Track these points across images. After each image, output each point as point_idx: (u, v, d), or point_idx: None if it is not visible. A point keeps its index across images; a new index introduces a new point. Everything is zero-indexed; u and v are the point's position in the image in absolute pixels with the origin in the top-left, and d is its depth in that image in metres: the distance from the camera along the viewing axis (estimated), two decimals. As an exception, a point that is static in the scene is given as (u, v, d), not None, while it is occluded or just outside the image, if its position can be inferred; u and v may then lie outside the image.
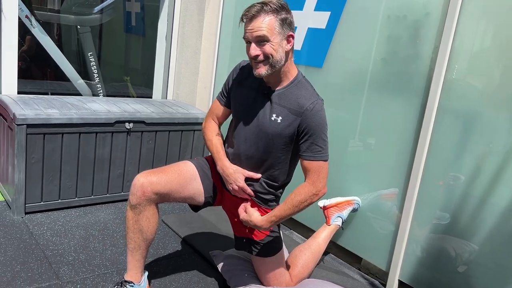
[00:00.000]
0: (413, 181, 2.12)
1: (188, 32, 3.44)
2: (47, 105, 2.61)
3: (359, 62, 2.36)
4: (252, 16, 1.60)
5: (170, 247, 2.41)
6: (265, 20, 1.59)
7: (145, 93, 3.84)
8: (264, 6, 1.60)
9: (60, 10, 3.77)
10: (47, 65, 3.54)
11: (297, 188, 1.74)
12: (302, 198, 1.71)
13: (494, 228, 1.87)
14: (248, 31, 1.62)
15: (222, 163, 1.84)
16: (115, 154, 2.79)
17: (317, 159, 1.70)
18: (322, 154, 1.71)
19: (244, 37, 1.65)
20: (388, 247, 2.26)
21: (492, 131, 1.86)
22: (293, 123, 1.70)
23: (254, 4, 1.62)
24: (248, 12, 1.61)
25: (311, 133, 1.69)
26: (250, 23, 1.61)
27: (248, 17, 1.61)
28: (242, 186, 1.81)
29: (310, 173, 1.72)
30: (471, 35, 1.91)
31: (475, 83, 1.91)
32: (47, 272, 2.00)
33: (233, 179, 1.81)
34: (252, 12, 1.60)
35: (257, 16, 1.59)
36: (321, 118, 1.69)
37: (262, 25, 1.59)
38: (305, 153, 1.72)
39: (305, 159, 1.72)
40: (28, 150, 2.43)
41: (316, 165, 1.71)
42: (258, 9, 1.60)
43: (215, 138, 1.90)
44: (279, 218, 1.75)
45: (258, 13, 1.59)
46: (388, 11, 2.22)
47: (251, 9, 1.61)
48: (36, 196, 2.54)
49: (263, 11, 1.59)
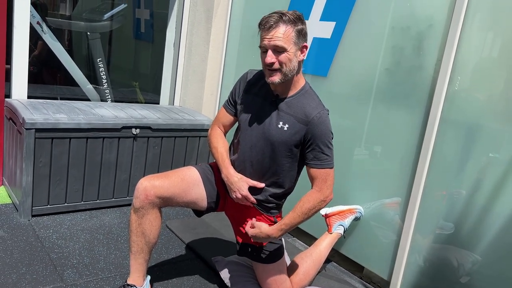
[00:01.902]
0: (415, 190, 2.12)
1: (196, 40, 3.49)
2: (56, 110, 2.66)
3: (363, 72, 2.38)
4: (271, 26, 1.62)
5: (173, 252, 2.43)
6: (283, 30, 1.62)
7: (153, 99, 3.89)
8: (282, 16, 1.63)
9: (71, 17, 3.84)
10: (57, 70, 3.61)
11: (305, 196, 1.78)
12: (311, 205, 1.75)
13: (497, 238, 1.86)
14: (266, 39, 1.65)
15: (227, 170, 1.86)
16: (121, 159, 2.83)
17: (323, 167, 1.75)
18: (328, 162, 1.75)
19: (261, 45, 1.68)
20: (390, 256, 2.26)
21: (494, 142, 1.87)
22: (299, 131, 1.74)
23: (272, 14, 1.64)
24: (266, 21, 1.64)
25: (318, 142, 1.73)
26: (269, 32, 1.63)
27: (266, 26, 1.64)
28: (246, 194, 1.83)
29: (317, 180, 1.76)
30: (474, 47, 1.93)
31: (477, 95, 1.93)
32: (51, 274, 2.04)
33: (237, 187, 1.83)
34: (270, 21, 1.62)
35: (276, 26, 1.62)
36: (327, 128, 1.74)
37: (280, 35, 1.62)
38: (312, 162, 1.76)
39: (312, 167, 1.77)
40: (36, 154, 2.47)
41: (323, 172, 1.75)
42: (277, 19, 1.62)
43: (221, 145, 1.92)
44: (289, 226, 1.78)
45: (276, 23, 1.62)
46: (393, 23, 2.24)
47: (270, 19, 1.63)
48: (43, 199, 2.58)
49: (281, 21, 1.62)
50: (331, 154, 1.76)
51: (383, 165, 2.32)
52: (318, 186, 1.76)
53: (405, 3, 2.18)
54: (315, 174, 1.76)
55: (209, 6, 3.34)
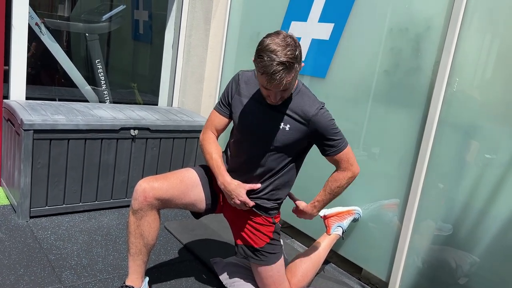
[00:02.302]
0: (414, 192, 2.13)
1: (195, 42, 3.49)
2: (54, 111, 2.66)
3: (362, 74, 2.39)
4: (279, 82, 1.58)
5: (171, 253, 2.43)
6: (289, 78, 1.59)
7: (151, 100, 3.89)
8: (285, 69, 1.56)
9: (70, 18, 3.84)
10: (55, 72, 3.61)
11: (333, 175, 1.87)
12: (340, 184, 1.85)
13: (495, 240, 1.87)
14: (270, 87, 1.62)
15: (223, 178, 1.84)
16: (119, 160, 2.83)
17: (340, 151, 1.81)
18: (342, 144, 1.81)
19: (265, 87, 1.64)
20: (389, 258, 2.27)
21: (492, 144, 1.87)
22: (301, 130, 1.77)
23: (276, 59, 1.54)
24: (272, 76, 1.56)
25: (326, 134, 1.77)
26: (272, 83, 1.59)
27: (271, 80, 1.58)
28: (244, 200, 1.83)
29: (339, 163, 1.84)
30: (471, 49, 1.94)
31: (475, 97, 1.93)
32: (50, 276, 2.03)
33: (235, 194, 1.82)
34: (278, 77, 1.56)
35: (282, 79, 1.58)
36: (328, 120, 1.77)
37: (287, 82, 1.60)
38: (327, 152, 1.82)
39: (330, 155, 1.83)
40: (34, 155, 2.47)
41: (343, 154, 1.82)
42: (283, 73, 1.56)
43: (214, 151, 1.89)
44: (322, 203, 1.92)
45: (282, 77, 1.57)
46: (391, 24, 2.25)
47: (275, 74, 1.55)
48: (41, 200, 2.58)
49: (286, 72, 1.57)
50: (341, 136, 1.81)
51: (381, 166, 2.32)
52: (343, 167, 1.84)
53: (403, 5, 2.19)
54: (336, 159, 1.83)
55: (207, 8, 3.35)
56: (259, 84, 1.68)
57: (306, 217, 2.01)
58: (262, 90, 1.71)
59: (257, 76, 1.65)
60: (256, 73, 1.66)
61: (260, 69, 1.59)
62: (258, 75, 1.64)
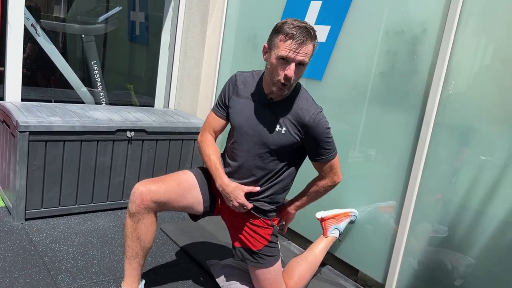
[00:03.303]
0: (410, 194, 2.14)
1: (191, 43, 3.49)
2: (50, 113, 2.65)
3: (358, 76, 2.39)
4: (302, 41, 1.58)
5: (168, 255, 2.42)
6: (310, 47, 1.61)
7: (147, 102, 3.88)
8: (311, 32, 1.60)
9: (66, 19, 3.82)
10: (51, 73, 3.59)
11: (315, 182, 1.91)
12: (319, 190, 1.91)
13: (490, 241, 1.88)
14: (294, 53, 1.59)
15: (222, 180, 1.83)
16: (115, 162, 2.82)
17: (328, 160, 1.83)
18: (331, 154, 1.83)
19: (283, 56, 1.61)
20: (385, 259, 2.27)
21: (487, 146, 1.88)
22: (297, 133, 1.77)
23: (297, 24, 1.59)
24: (295, 34, 1.57)
25: (319, 140, 1.78)
26: (299, 46, 1.58)
27: (297, 40, 1.57)
28: (243, 202, 1.82)
29: (325, 171, 1.86)
30: (467, 51, 1.95)
31: (471, 99, 1.94)
32: (45, 278, 2.02)
33: (234, 196, 1.82)
34: (302, 36, 1.58)
35: (306, 42, 1.59)
36: (324, 126, 1.77)
37: (308, 51, 1.61)
38: (317, 158, 1.83)
39: (317, 162, 1.84)
40: (29, 157, 2.46)
41: (329, 163, 1.84)
42: (307, 35, 1.58)
43: (213, 153, 1.89)
44: (299, 207, 2.01)
45: (306, 39, 1.58)
46: (387, 27, 2.25)
47: (300, 32, 1.57)
48: (36, 202, 2.56)
49: (309, 37, 1.59)
50: (332, 146, 1.82)
51: (378, 168, 2.33)
52: (325, 174, 1.87)
53: (400, 8, 2.20)
54: (321, 167, 1.86)
55: (204, 9, 3.35)
56: (276, 61, 1.63)
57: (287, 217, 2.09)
58: (276, 66, 1.64)
59: (274, 52, 1.63)
60: (272, 51, 1.64)
61: (284, 33, 1.58)
62: (277, 48, 1.61)
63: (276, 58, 1.64)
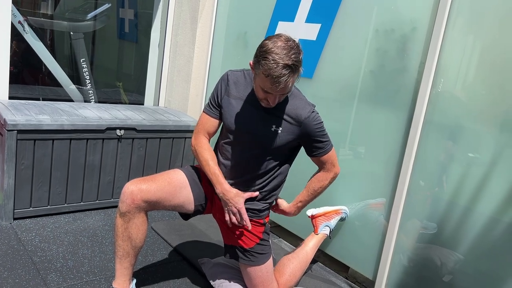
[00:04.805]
0: (400, 191, 2.15)
1: (181, 40, 3.47)
2: (38, 111, 2.62)
3: (349, 74, 2.40)
4: (280, 82, 1.56)
5: (159, 254, 2.41)
6: (290, 82, 1.60)
7: (137, 100, 3.86)
8: (291, 72, 1.56)
9: (53, 16, 3.78)
10: (39, 71, 3.55)
11: (316, 176, 1.94)
12: (322, 184, 1.93)
13: (478, 237, 1.90)
14: (273, 91, 1.61)
15: (222, 187, 1.82)
16: (105, 161, 2.80)
17: (328, 152, 1.87)
18: (328, 147, 1.86)
19: (263, 88, 1.62)
20: (375, 256, 2.29)
21: (476, 143, 1.90)
22: (293, 133, 1.79)
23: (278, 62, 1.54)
24: (275, 76, 1.55)
25: (315, 137, 1.81)
26: (277, 86, 1.57)
27: (276, 82, 1.56)
28: (240, 208, 1.81)
29: (325, 164, 1.90)
30: (456, 50, 1.96)
31: (460, 97, 1.96)
32: (34, 278, 2.00)
33: (234, 203, 1.82)
34: (283, 80, 1.56)
35: (287, 81, 1.58)
36: (319, 123, 1.80)
37: (288, 87, 1.61)
38: (314, 153, 1.86)
39: (317, 156, 1.87)
40: (18, 155, 2.43)
41: (328, 156, 1.88)
42: (288, 76, 1.56)
43: (211, 159, 1.86)
44: (303, 204, 2.01)
45: (287, 79, 1.57)
46: (377, 25, 2.27)
47: (282, 75, 1.55)
48: (25, 202, 2.54)
49: (291, 75, 1.57)
50: (328, 138, 1.86)
51: (368, 166, 2.34)
52: (327, 167, 1.90)
53: (389, 7, 2.21)
54: (321, 160, 1.88)
55: (194, 7, 3.33)
56: (258, 87, 1.65)
57: (286, 215, 2.10)
58: (258, 93, 1.69)
59: (257, 79, 1.63)
60: (256, 76, 1.63)
61: (264, 71, 1.56)
62: (260, 78, 1.61)
63: (258, 84, 1.65)
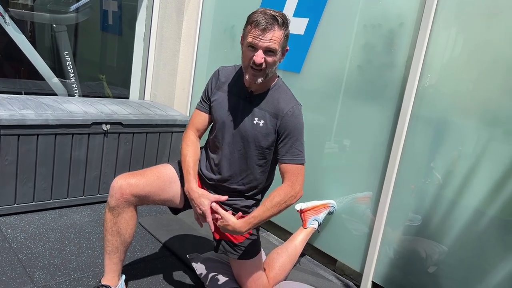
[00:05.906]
0: (387, 185, 2.18)
1: (167, 34, 3.43)
2: (22, 106, 2.56)
3: (336, 69, 2.41)
4: (266, 28, 1.59)
5: (147, 250, 2.40)
6: (277, 33, 1.61)
7: (122, 93, 3.81)
8: (277, 19, 1.60)
9: (35, 8, 3.69)
10: (21, 64, 3.47)
11: (276, 190, 1.74)
12: (281, 199, 1.71)
13: (462, 229, 1.95)
14: (258, 40, 1.60)
15: (189, 185, 1.79)
16: (91, 156, 2.76)
17: (296, 162, 1.75)
18: (300, 158, 1.76)
19: (250, 43, 1.62)
20: (362, 249, 2.32)
21: (462, 138, 1.94)
22: (274, 126, 1.75)
23: (264, 12, 1.61)
24: (260, 21, 1.59)
25: (291, 136, 1.74)
26: (264, 33, 1.59)
27: (260, 27, 1.59)
28: (205, 211, 1.75)
29: (288, 175, 1.75)
30: (443, 45, 1.99)
31: (446, 92, 1.99)
32: (21, 276, 1.97)
33: (198, 203, 1.77)
34: (266, 23, 1.58)
35: (271, 28, 1.59)
36: (300, 122, 1.75)
37: (274, 38, 1.61)
38: (284, 157, 1.76)
39: (284, 162, 1.76)
40: (1, 151, 2.38)
41: (294, 168, 1.75)
42: (271, 22, 1.59)
43: (190, 155, 1.85)
44: (258, 220, 1.71)
45: (271, 26, 1.59)
46: (364, 20, 2.28)
47: (264, 19, 1.59)
48: (9, 198, 2.49)
49: (276, 24, 1.60)
50: (303, 150, 1.77)
51: (355, 160, 2.36)
52: (290, 181, 1.74)
53: (377, 2, 2.22)
54: (287, 169, 1.75)
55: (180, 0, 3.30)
56: (246, 48, 1.66)
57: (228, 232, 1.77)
58: (246, 56, 1.67)
59: (246, 40, 1.65)
60: (244, 39, 1.66)
61: (252, 22, 1.61)
62: (247, 32, 1.64)
63: (246, 46, 1.66)
